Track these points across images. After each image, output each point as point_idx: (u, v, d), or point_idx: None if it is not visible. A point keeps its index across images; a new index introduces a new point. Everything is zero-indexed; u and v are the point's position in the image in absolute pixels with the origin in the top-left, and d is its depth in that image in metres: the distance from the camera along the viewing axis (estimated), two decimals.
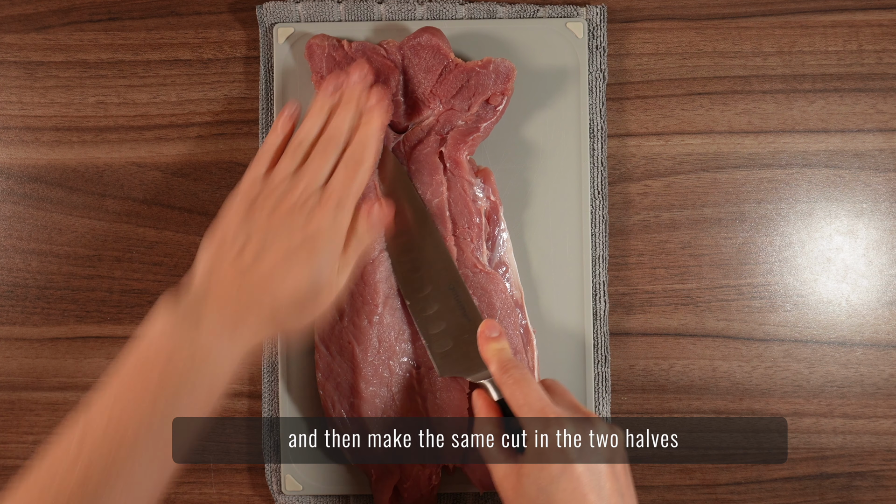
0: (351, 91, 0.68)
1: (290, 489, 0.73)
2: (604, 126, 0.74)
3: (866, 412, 0.75)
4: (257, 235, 0.64)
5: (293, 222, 0.64)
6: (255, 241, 0.64)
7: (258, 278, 0.63)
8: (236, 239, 0.64)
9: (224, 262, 0.64)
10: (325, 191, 0.65)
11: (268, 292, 0.63)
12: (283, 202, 0.65)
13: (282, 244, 0.63)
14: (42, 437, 0.76)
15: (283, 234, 0.64)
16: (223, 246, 0.64)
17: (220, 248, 0.64)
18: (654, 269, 0.75)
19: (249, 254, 0.63)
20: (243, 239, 0.64)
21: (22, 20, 0.76)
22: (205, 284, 0.63)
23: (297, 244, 0.63)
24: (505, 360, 0.65)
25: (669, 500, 0.75)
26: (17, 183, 0.76)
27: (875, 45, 0.75)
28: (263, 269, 0.63)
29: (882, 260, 0.75)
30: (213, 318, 0.62)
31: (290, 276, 0.63)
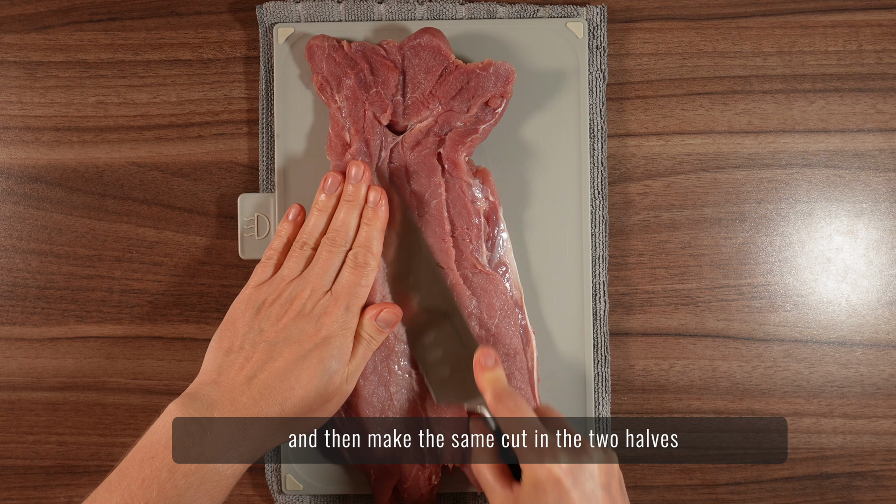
0: (354, 189, 0.69)
1: (290, 489, 0.73)
2: (604, 126, 0.74)
3: (866, 412, 0.75)
4: (266, 342, 0.64)
5: (302, 328, 0.65)
6: (263, 347, 0.64)
7: (267, 387, 0.63)
8: (244, 345, 0.65)
9: (232, 368, 0.64)
10: (333, 295, 0.66)
11: (277, 401, 0.63)
12: (290, 306, 0.65)
13: (291, 351, 0.64)
14: (42, 436, 0.76)
15: (293, 340, 0.64)
16: (231, 352, 0.65)
17: (228, 353, 0.65)
18: (654, 269, 0.75)
19: (258, 361, 0.64)
20: (251, 345, 0.64)
21: (22, 20, 0.76)
22: (213, 392, 0.63)
23: (307, 351, 0.64)
24: (500, 390, 0.65)
25: (669, 500, 0.75)
26: (17, 183, 0.76)
27: (875, 45, 0.75)
28: (273, 378, 0.63)
29: (882, 260, 0.75)
30: (220, 428, 0.62)
31: (299, 384, 0.63)
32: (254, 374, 0.63)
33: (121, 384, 0.76)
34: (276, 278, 0.67)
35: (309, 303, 0.65)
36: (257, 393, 0.63)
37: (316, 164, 0.74)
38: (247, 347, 0.65)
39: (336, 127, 0.71)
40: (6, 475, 0.76)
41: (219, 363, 0.65)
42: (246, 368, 0.64)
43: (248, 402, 0.63)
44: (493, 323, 0.70)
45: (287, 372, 0.63)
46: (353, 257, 0.67)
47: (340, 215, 0.68)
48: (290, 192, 0.73)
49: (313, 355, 0.64)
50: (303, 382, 0.63)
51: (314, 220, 0.69)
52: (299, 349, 0.64)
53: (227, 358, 0.65)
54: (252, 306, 0.66)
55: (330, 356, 0.64)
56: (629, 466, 0.75)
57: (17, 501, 0.76)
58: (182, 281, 0.76)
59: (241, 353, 0.64)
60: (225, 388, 0.63)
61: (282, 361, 0.64)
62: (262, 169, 0.75)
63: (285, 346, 0.64)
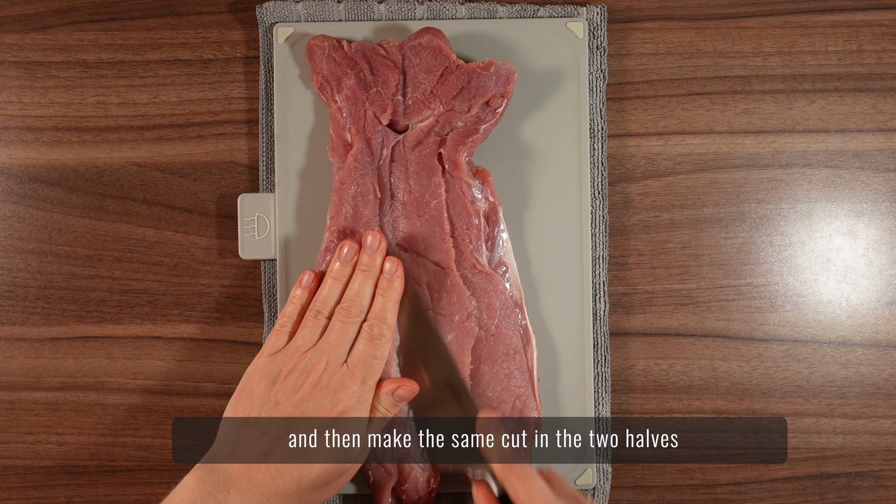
0: (370, 259, 0.69)
1: None
2: (604, 126, 0.74)
3: (866, 412, 0.75)
4: (282, 416, 0.64)
5: (319, 403, 0.64)
6: (280, 421, 0.64)
7: (284, 462, 0.63)
8: (260, 418, 0.65)
9: (248, 441, 0.64)
10: (349, 368, 0.66)
11: (294, 478, 0.63)
12: (307, 379, 0.65)
13: (309, 427, 0.64)
14: (42, 436, 0.76)
15: (310, 415, 0.64)
16: (247, 424, 0.65)
17: (245, 426, 0.65)
18: (654, 269, 0.75)
19: (275, 435, 0.64)
20: (267, 418, 0.64)
21: (22, 20, 0.76)
22: (229, 466, 0.63)
23: (325, 427, 0.64)
24: (506, 456, 0.64)
25: (669, 500, 0.75)
26: (17, 183, 0.76)
27: (875, 45, 0.75)
28: (290, 454, 0.63)
29: (882, 260, 0.75)
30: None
31: (317, 460, 0.64)
32: (270, 450, 0.63)
33: (121, 384, 0.76)
34: (290, 348, 0.67)
35: (325, 376, 0.65)
36: (274, 469, 0.63)
37: (316, 164, 0.74)
38: (263, 421, 0.64)
39: (337, 127, 0.71)
40: (6, 475, 0.76)
41: (234, 435, 0.65)
42: (262, 442, 0.64)
43: (264, 478, 0.63)
44: (493, 323, 0.70)
45: (305, 448, 0.64)
46: (368, 329, 0.67)
47: (355, 285, 0.68)
48: (290, 192, 0.74)
49: (331, 431, 0.64)
50: (320, 458, 0.64)
51: (328, 288, 0.68)
52: (317, 424, 0.64)
53: (244, 431, 0.64)
54: (267, 377, 0.66)
55: (347, 431, 0.65)
56: (629, 466, 0.75)
57: (17, 501, 0.76)
58: (182, 281, 0.76)
59: (258, 426, 0.64)
60: (241, 459, 0.63)
61: (299, 437, 0.64)
62: (262, 169, 0.75)
63: (302, 422, 0.64)
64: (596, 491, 0.74)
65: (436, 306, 0.71)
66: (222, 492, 0.62)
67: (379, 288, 0.68)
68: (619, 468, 0.75)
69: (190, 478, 0.62)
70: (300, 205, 0.74)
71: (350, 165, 0.71)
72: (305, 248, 0.73)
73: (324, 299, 0.68)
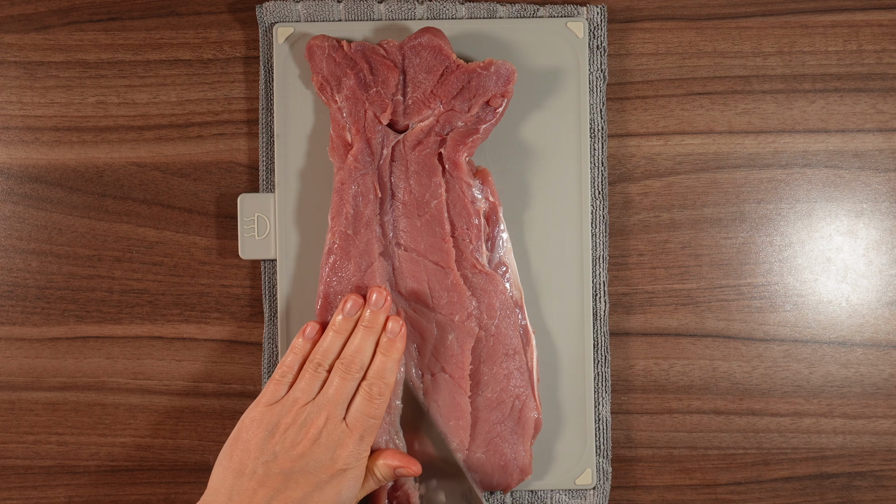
0: (373, 316, 0.68)
1: None
2: (604, 126, 0.74)
3: (866, 412, 0.75)
4: (281, 470, 0.64)
5: (319, 459, 0.64)
6: (278, 475, 0.64)
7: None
8: (256, 469, 0.64)
9: (244, 493, 0.64)
10: (349, 425, 0.65)
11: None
12: (306, 435, 0.65)
13: (308, 482, 0.64)
14: (42, 436, 0.76)
15: (309, 471, 0.64)
16: (242, 475, 0.64)
17: (240, 476, 0.64)
18: (654, 269, 0.75)
19: (272, 488, 0.64)
20: (265, 471, 0.64)
21: (22, 20, 0.76)
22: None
23: (324, 483, 0.64)
24: None
25: (669, 500, 0.75)
26: (17, 183, 0.76)
27: (875, 45, 0.75)
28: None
29: (882, 260, 0.75)
30: None
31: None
32: (268, 500, 0.63)
33: (121, 384, 0.76)
34: (288, 400, 0.66)
35: (325, 432, 0.65)
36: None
37: (316, 164, 0.74)
38: (259, 473, 0.64)
39: (337, 127, 0.71)
40: (6, 475, 0.76)
41: (230, 486, 0.64)
42: (259, 495, 0.64)
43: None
44: (493, 323, 0.70)
45: (303, 502, 0.64)
46: (367, 388, 0.67)
47: (356, 341, 0.68)
48: (290, 192, 0.73)
49: (330, 487, 0.64)
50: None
51: (329, 341, 0.68)
52: (315, 480, 0.64)
53: (239, 481, 0.64)
54: (265, 428, 0.65)
55: (346, 487, 0.65)
56: (629, 466, 0.75)
57: (17, 501, 0.76)
58: (182, 281, 0.76)
59: (254, 477, 0.64)
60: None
61: (298, 491, 0.64)
62: (262, 169, 0.75)
63: (301, 476, 0.64)
64: (596, 491, 0.74)
65: (436, 306, 0.71)
66: None
67: (380, 346, 0.68)
68: (619, 468, 0.75)
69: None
70: (300, 205, 0.74)
71: (350, 165, 0.71)
72: (305, 248, 0.73)
73: (324, 352, 0.68)
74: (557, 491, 0.74)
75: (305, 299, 0.73)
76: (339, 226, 0.71)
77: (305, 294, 0.73)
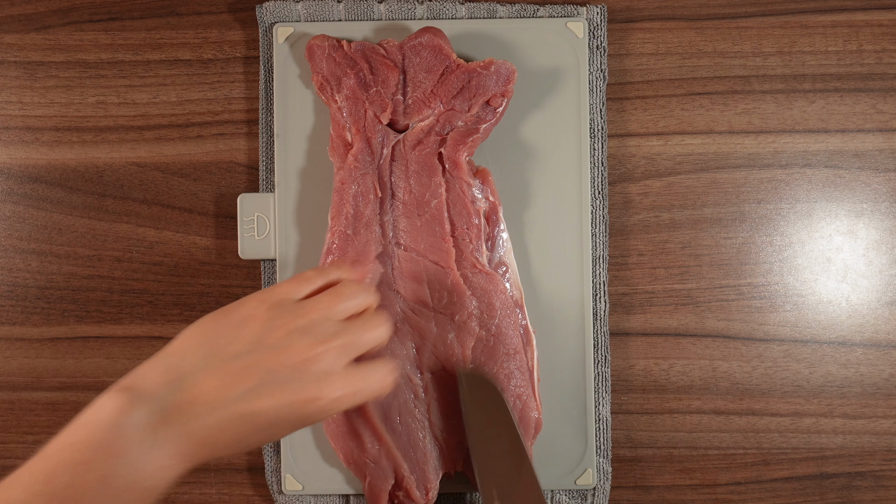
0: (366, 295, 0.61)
1: (290, 489, 0.73)
2: (604, 126, 0.74)
3: (866, 412, 0.75)
4: (266, 367, 0.56)
5: (308, 378, 0.56)
6: (261, 371, 0.56)
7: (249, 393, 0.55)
8: (240, 353, 0.57)
9: (214, 371, 0.56)
10: (356, 370, 0.58)
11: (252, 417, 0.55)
12: (311, 345, 0.57)
13: (284, 396, 0.56)
14: (42, 437, 0.76)
15: (293, 385, 0.56)
16: (218, 353, 0.57)
17: (215, 354, 0.57)
18: (654, 269, 0.75)
19: (244, 383, 0.55)
20: (250, 359, 0.56)
21: (22, 20, 0.76)
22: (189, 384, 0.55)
23: (299, 407, 0.56)
24: None
25: (669, 500, 0.75)
26: (17, 183, 0.76)
27: (875, 45, 0.75)
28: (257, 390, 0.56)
29: (882, 260, 0.75)
30: (180, 436, 0.54)
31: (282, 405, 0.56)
32: (234, 399, 0.55)
33: None
34: (308, 303, 0.60)
35: (327, 357, 0.57)
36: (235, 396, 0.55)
37: (316, 164, 0.74)
38: (242, 360, 0.56)
39: (337, 127, 0.71)
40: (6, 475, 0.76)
41: (201, 358, 0.57)
42: (227, 384, 0.55)
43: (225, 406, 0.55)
44: (493, 323, 0.70)
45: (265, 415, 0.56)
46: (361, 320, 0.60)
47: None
48: (289, 192, 0.73)
49: (298, 417, 0.56)
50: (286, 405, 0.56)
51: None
52: (292, 399, 0.56)
53: (212, 359, 0.57)
54: (271, 313, 0.58)
55: (306, 422, 0.57)
56: (629, 466, 0.75)
57: None
58: (182, 281, 0.76)
59: (231, 362, 0.56)
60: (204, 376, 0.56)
61: (269, 402, 0.56)
62: (262, 169, 0.75)
63: (277, 387, 0.56)
64: (596, 491, 0.74)
65: (436, 306, 0.71)
66: (152, 428, 0.53)
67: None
68: (619, 468, 0.75)
69: (114, 390, 0.54)
70: (300, 205, 0.74)
71: (350, 165, 0.71)
72: (305, 248, 0.73)
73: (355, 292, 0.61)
74: (558, 491, 0.74)
75: None
76: (339, 226, 0.71)
77: None
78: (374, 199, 0.71)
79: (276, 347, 0.57)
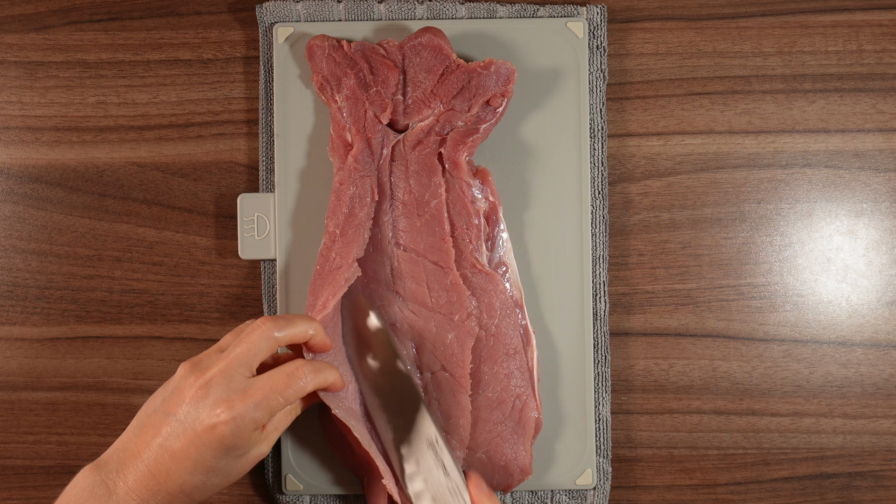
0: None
1: (290, 489, 0.73)
2: (604, 126, 0.74)
3: (866, 412, 0.75)
4: (166, 411, 0.62)
5: (197, 411, 0.61)
6: (164, 416, 0.61)
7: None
8: (158, 406, 0.63)
9: (142, 427, 0.62)
10: (247, 387, 0.62)
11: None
12: (197, 378, 0.62)
13: (185, 433, 0.61)
14: (42, 436, 0.76)
15: (187, 421, 0.61)
16: (149, 408, 0.63)
17: (146, 408, 0.63)
18: (654, 269, 0.75)
19: (157, 431, 0.61)
20: (162, 407, 0.62)
21: (22, 20, 0.76)
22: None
23: (201, 441, 0.61)
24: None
25: (669, 500, 0.75)
26: (17, 183, 0.76)
27: (875, 45, 0.75)
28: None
29: (882, 260, 0.75)
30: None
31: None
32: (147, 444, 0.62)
33: (121, 384, 0.76)
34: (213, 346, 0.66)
35: (214, 383, 0.62)
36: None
37: (316, 165, 0.74)
38: (159, 410, 0.62)
39: (337, 127, 0.71)
40: (6, 475, 0.76)
41: (140, 417, 0.63)
42: (147, 434, 0.62)
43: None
44: (493, 323, 0.70)
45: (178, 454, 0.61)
46: (295, 367, 0.63)
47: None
48: (289, 192, 0.74)
49: (207, 449, 0.61)
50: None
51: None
52: (192, 434, 0.61)
53: (143, 413, 0.63)
54: (184, 367, 0.64)
55: (222, 452, 0.62)
56: (629, 466, 0.75)
57: (17, 501, 0.76)
58: (182, 281, 0.76)
59: (154, 415, 0.62)
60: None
61: (177, 443, 0.61)
62: (262, 169, 0.75)
63: (178, 426, 0.61)
64: (596, 491, 0.74)
65: (435, 306, 0.71)
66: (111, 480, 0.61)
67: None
68: (619, 468, 0.75)
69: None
70: (300, 205, 0.74)
71: (350, 167, 0.71)
72: (305, 248, 0.73)
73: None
74: (558, 491, 0.74)
75: (305, 299, 0.73)
76: (331, 226, 0.71)
77: (305, 294, 0.73)
78: (371, 203, 0.71)
79: (172, 394, 0.62)
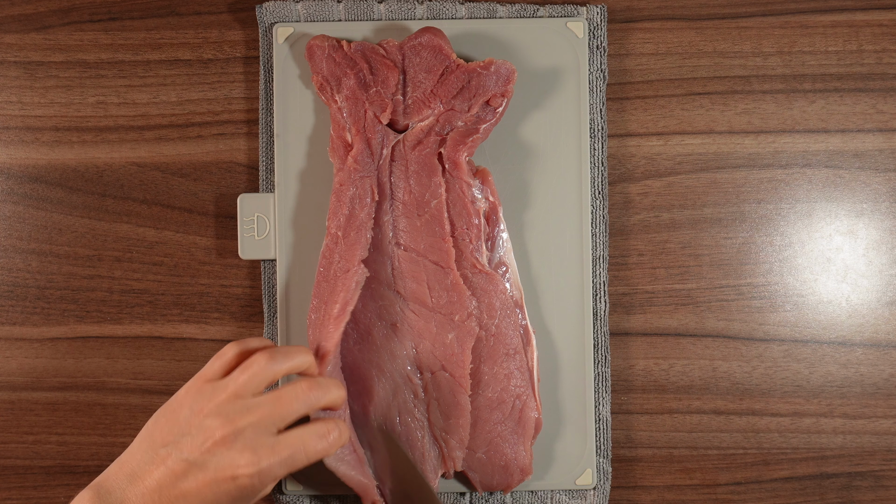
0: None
1: (290, 489, 0.73)
2: (604, 126, 0.74)
3: (866, 412, 0.75)
4: (188, 455, 0.60)
5: (222, 460, 0.60)
6: (182, 460, 0.60)
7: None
8: (169, 445, 0.60)
9: (149, 465, 0.60)
10: (277, 443, 0.60)
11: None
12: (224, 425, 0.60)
13: (205, 479, 0.60)
14: (42, 436, 0.76)
15: (209, 468, 0.60)
16: (155, 446, 0.61)
17: (152, 447, 0.61)
18: (654, 269, 0.75)
19: (172, 472, 0.60)
20: (175, 450, 0.60)
21: (22, 20, 0.76)
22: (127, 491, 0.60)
23: (221, 489, 0.60)
24: None
25: (669, 500, 0.75)
26: (17, 183, 0.76)
27: (875, 45, 0.75)
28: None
29: (882, 260, 0.75)
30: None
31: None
32: (160, 488, 0.60)
33: (121, 384, 0.76)
34: (225, 383, 0.62)
35: (244, 436, 0.60)
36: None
37: (316, 165, 0.74)
38: (171, 452, 0.60)
39: (337, 127, 0.71)
40: (6, 475, 0.76)
41: (142, 454, 0.61)
42: (157, 475, 0.60)
43: None
44: (493, 323, 0.70)
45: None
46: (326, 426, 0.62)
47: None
48: (289, 192, 0.74)
49: (226, 497, 0.60)
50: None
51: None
52: (212, 480, 0.60)
53: (149, 453, 0.61)
54: (192, 404, 0.61)
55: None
56: (629, 466, 0.75)
57: (17, 501, 0.76)
58: (182, 281, 0.76)
59: (163, 454, 0.60)
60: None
61: (193, 485, 0.60)
62: (262, 169, 0.75)
63: (200, 472, 0.60)
64: (596, 491, 0.74)
65: (435, 305, 0.71)
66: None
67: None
68: (619, 468, 0.75)
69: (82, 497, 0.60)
70: (300, 205, 0.74)
71: (350, 167, 0.71)
72: (305, 248, 0.73)
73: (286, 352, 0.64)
74: (558, 491, 0.74)
75: (305, 299, 0.73)
76: (332, 228, 0.71)
77: (305, 294, 0.73)
78: (371, 203, 0.71)
79: (192, 434, 0.60)
